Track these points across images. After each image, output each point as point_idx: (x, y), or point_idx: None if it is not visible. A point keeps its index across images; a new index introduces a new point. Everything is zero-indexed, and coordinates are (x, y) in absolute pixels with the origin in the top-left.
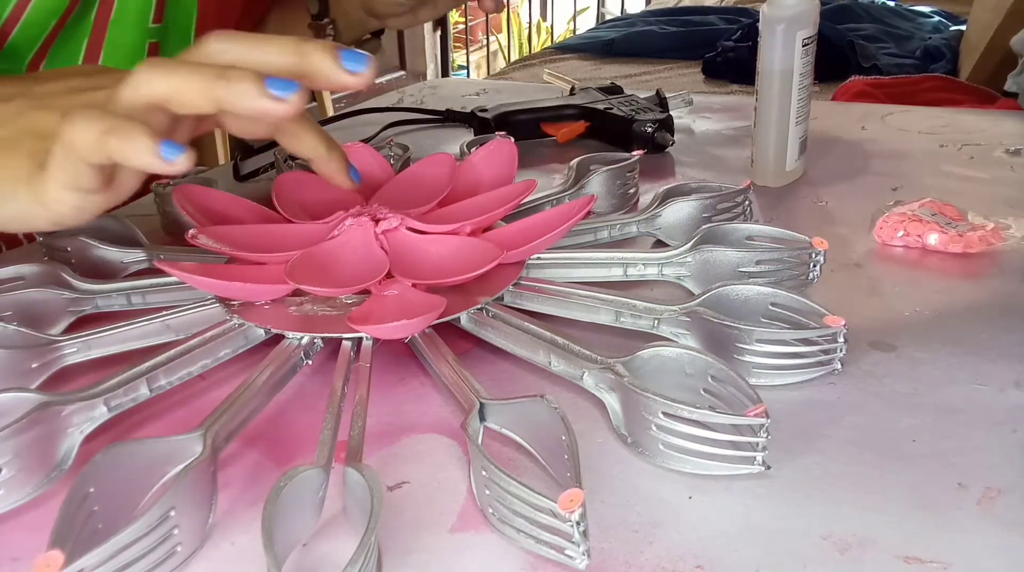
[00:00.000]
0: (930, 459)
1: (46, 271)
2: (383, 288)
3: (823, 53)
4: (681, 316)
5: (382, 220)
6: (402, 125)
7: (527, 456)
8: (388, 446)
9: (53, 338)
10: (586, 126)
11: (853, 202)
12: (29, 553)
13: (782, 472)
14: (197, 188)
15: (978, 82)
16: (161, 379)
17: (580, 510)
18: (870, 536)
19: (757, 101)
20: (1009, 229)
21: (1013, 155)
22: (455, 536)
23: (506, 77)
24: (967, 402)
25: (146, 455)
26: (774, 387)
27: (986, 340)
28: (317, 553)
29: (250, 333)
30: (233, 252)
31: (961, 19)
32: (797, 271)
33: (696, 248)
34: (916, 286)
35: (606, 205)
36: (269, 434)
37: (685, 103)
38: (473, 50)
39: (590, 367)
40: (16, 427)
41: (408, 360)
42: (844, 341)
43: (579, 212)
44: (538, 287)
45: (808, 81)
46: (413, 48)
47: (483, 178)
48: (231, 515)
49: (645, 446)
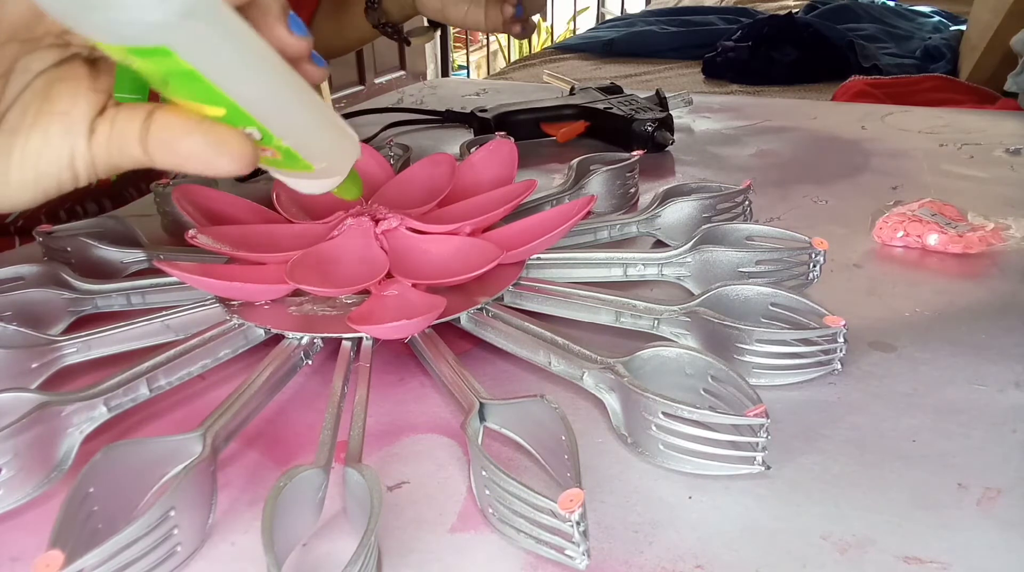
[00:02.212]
0: (930, 459)
1: (46, 271)
2: (383, 288)
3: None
4: (681, 316)
5: (382, 220)
6: (402, 125)
7: (527, 456)
8: (388, 446)
9: (53, 338)
10: (586, 126)
11: (853, 202)
12: (29, 553)
13: (782, 472)
14: (197, 188)
15: (978, 82)
16: (161, 379)
17: (580, 510)
18: (870, 536)
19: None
20: (1009, 229)
21: (1013, 155)
22: (455, 536)
23: (506, 77)
24: (967, 402)
25: (146, 455)
26: (774, 387)
27: (986, 340)
28: (317, 553)
29: (250, 333)
30: (233, 252)
31: (961, 19)
32: (797, 271)
33: (696, 248)
34: (916, 286)
35: (606, 205)
36: (269, 434)
37: (685, 103)
38: (473, 50)
39: (590, 367)
40: (16, 427)
41: (408, 360)
42: (844, 341)
43: (579, 212)
44: (538, 287)
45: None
46: (413, 48)
47: (483, 178)
48: (231, 515)
49: (645, 446)
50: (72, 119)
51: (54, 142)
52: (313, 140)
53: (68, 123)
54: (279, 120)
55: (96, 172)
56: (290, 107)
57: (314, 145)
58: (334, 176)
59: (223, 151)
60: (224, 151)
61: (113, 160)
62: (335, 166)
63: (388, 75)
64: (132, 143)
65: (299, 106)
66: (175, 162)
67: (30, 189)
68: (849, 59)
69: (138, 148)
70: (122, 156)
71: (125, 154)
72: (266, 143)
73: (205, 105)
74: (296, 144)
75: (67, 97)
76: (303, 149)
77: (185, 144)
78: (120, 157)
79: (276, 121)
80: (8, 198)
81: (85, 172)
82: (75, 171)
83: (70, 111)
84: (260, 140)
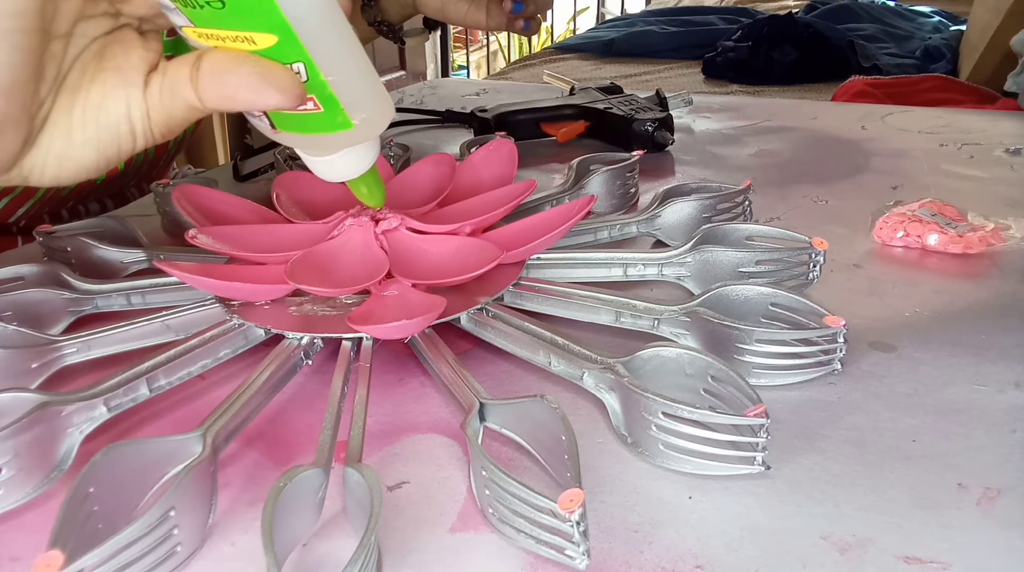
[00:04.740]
0: (930, 459)
1: (46, 271)
2: (383, 288)
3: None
4: (681, 316)
5: (382, 220)
6: (402, 125)
7: (527, 456)
8: (388, 446)
9: (53, 338)
10: (586, 126)
11: (853, 202)
12: (29, 553)
13: (782, 472)
14: (197, 188)
15: (978, 82)
16: (161, 379)
17: (580, 510)
18: (870, 536)
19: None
20: (1009, 229)
21: (1013, 155)
22: (455, 536)
23: (506, 77)
24: (967, 402)
25: (146, 455)
26: (774, 387)
27: (986, 340)
28: (317, 553)
29: (250, 333)
30: (233, 252)
31: (961, 19)
32: (797, 271)
33: (696, 248)
34: (916, 286)
35: (606, 205)
36: (269, 434)
37: (685, 103)
38: (473, 50)
39: (590, 367)
40: (16, 427)
41: (408, 360)
42: (844, 341)
43: (579, 212)
44: (538, 287)
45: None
46: (413, 48)
47: (483, 178)
48: (231, 515)
49: (645, 446)
50: (126, 72)
51: (111, 94)
52: (356, 84)
53: (123, 76)
54: (328, 52)
55: (151, 126)
56: (338, 41)
57: (357, 91)
58: (368, 137)
59: (272, 82)
60: (273, 82)
61: (166, 108)
62: (374, 122)
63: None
64: (183, 85)
65: (346, 43)
66: (225, 96)
67: (92, 148)
68: (849, 59)
69: (189, 89)
70: (174, 101)
71: (177, 98)
72: (311, 87)
73: (256, 33)
74: (340, 84)
75: (120, 55)
76: (345, 92)
77: (235, 76)
78: (172, 104)
79: (325, 52)
80: (74, 160)
81: (141, 125)
82: (132, 125)
83: (123, 66)
84: (306, 82)
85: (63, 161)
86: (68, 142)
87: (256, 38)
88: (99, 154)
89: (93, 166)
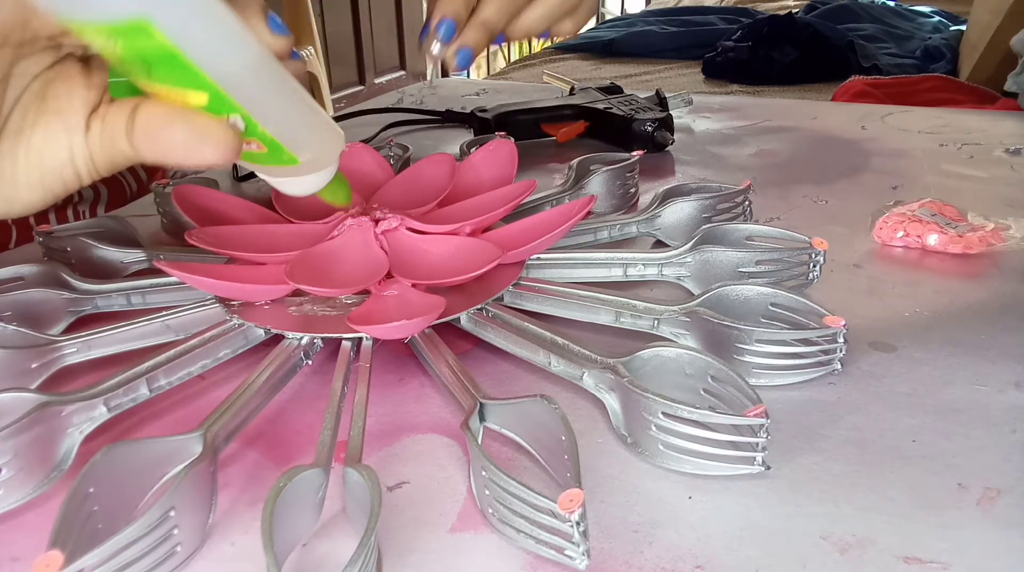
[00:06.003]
0: (930, 459)
1: (46, 271)
2: (383, 288)
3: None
4: (681, 316)
5: (382, 220)
6: (402, 125)
7: (527, 456)
8: (388, 446)
9: (53, 338)
10: (586, 126)
11: (853, 202)
12: (29, 553)
13: (782, 472)
14: (197, 188)
15: (978, 82)
16: (161, 379)
17: (580, 510)
18: (870, 536)
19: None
20: (1009, 229)
21: (1013, 155)
22: (455, 536)
23: (506, 77)
24: (967, 402)
25: (146, 455)
26: (774, 387)
27: (986, 340)
28: (317, 553)
29: (250, 333)
30: (233, 252)
31: (961, 19)
32: (797, 271)
33: (696, 248)
34: (916, 286)
35: (606, 205)
36: (269, 434)
37: (685, 103)
38: None
39: (590, 367)
40: (16, 427)
41: (408, 360)
42: (844, 341)
43: (579, 212)
44: (538, 287)
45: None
46: (413, 48)
47: (483, 178)
48: (231, 515)
49: (645, 446)
50: (67, 116)
51: (53, 139)
52: (297, 128)
53: (64, 120)
54: (262, 104)
55: (95, 168)
56: (272, 92)
57: (298, 134)
58: (320, 170)
59: (206, 140)
60: (207, 140)
61: (107, 155)
62: (321, 158)
63: (388, 75)
64: (120, 138)
65: (281, 92)
66: (159, 152)
67: (38, 189)
68: (849, 59)
69: (125, 142)
70: (114, 151)
71: (116, 148)
72: (250, 134)
73: (188, 90)
74: (279, 132)
75: (62, 96)
76: (287, 138)
77: (167, 134)
78: (112, 152)
79: (259, 105)
80: (19, 200)
81: (85, 168)
82: (76, 168)
83: (65, 109)
84: (244, 131)
85: (11, 202)
86: (13, 185)
87: (189, 95)
88: (45, 192)
89: (40, 203)
